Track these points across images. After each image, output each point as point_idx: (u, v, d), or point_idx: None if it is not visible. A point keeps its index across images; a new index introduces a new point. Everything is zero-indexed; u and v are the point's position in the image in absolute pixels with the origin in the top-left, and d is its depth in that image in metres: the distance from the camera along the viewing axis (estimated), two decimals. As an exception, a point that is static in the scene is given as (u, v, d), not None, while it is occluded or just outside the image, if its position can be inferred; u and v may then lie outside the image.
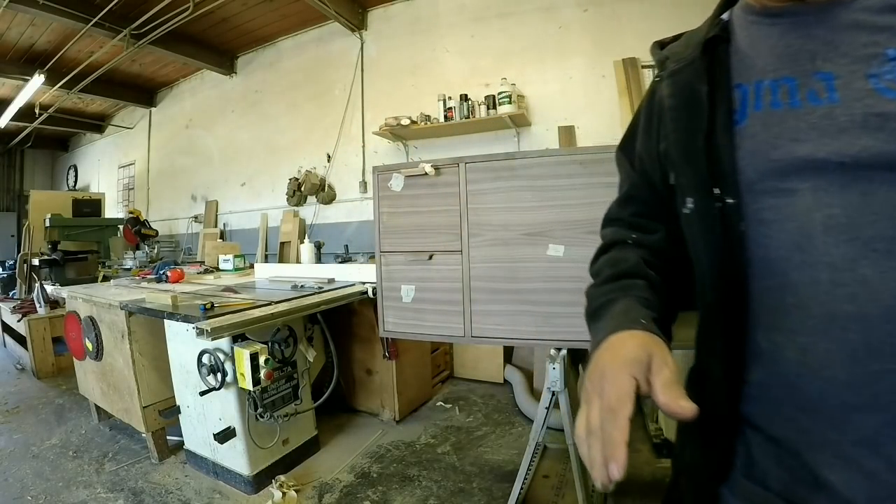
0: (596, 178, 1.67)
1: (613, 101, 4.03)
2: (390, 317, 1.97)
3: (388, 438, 3.02)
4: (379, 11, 5.03)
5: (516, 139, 4.37)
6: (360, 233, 4.98)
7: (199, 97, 6.68)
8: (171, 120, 7.11)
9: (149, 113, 7.42)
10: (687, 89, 0.66)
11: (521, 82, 4.25)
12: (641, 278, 0.73)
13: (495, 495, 2.39)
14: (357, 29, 5.04)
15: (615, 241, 0.83)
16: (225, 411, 2.39)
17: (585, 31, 4.20)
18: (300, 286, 2.94)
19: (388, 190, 1.94)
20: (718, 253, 0.62)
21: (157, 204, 7.35)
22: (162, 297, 2.48)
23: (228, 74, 6.19)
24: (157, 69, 6.50)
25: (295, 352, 2.54)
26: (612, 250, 0.82)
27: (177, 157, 7.00)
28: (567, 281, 1.70)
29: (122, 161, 8.16)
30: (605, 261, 0.81)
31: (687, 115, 0.65)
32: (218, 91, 6.39)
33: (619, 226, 0.85)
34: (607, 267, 0.78)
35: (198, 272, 4.08)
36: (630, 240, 0.81)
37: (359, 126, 5.11)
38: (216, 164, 6.46)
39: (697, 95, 0.63)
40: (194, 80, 6.71)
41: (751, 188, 0.58)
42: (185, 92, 6.90)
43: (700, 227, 0.65)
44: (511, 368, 3.81)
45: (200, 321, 2.01)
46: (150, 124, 7.44)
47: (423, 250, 1.88)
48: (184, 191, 6.87)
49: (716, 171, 0.61)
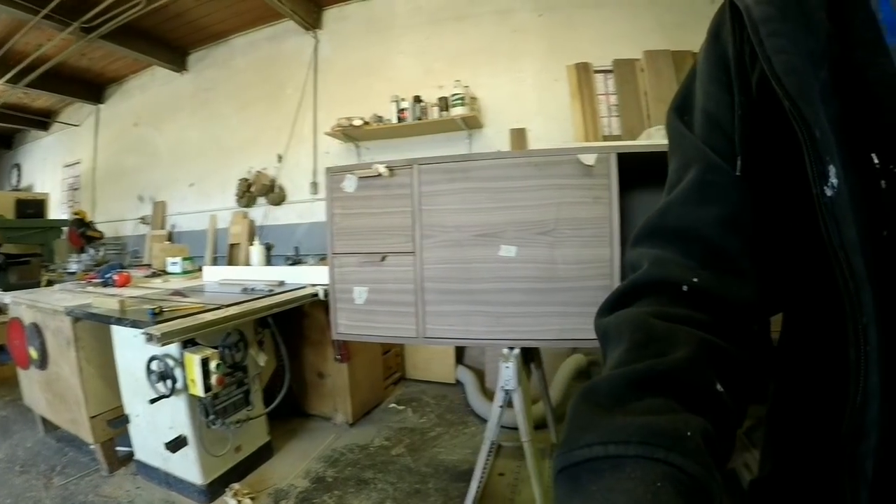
0: (549, 181, 1.70)
1: (565, 105, 4.13)
2: (343, 319, 1.95)
3: (342, 442, 2.99)
4: (335, 11, 4.98)
5: (468, 141, 4.41)
6: (311, 234, 4.92)
7: (149, 94, 6.44)
8: (120, 117, 6.83)
9: (97, 110, 7.10)
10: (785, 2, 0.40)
11: (475, 84, 4.30)
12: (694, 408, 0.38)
13: (451, 495, 2.40)
14: (312, 28, 4.98)
15: (657, 282, 0.48)
16: (176, 419, 2.32)
17: (540, 36, 4.28)
18: (250, 289, 2.89)
19: (340, 191, 1.92)
20: (885, 270, 0.35)
21: (103, 205, 7.04)
22: (109, 302, 2.39)
23: (179, 71, 6.00)
24: (106, 64, 6.24)
25: (246, 356, 2.49)
26: (649, 302, 0.47)
27: (124, 156, 6.72)
28: (519, 281, 1.73)
29: (67, 160, 7.78)
30: (628, 326, 0.45)
31: (798, 31, 0.39)
32: (168, 88, 6.18)
33: (677, 244, 0.49)
34: (630, 351, 0.42)
35: (145, 275, 3.97)
36: (688, 285, 0.46)
37: (311, 126, 5.04)
38: (165, 163, 6.24)
39: (807, 4, 0.39)
40: (144, 77, 6.47)
41: None
42: (135, 88, 6.65)
43: (855, 216, 0.35)
44: (462, 369, 3.85)
45: (149, 326, 1.96)
46: (98, 122, 7.13)
47: (376, 252, 1.87)
48: (131, 191, 6.61)
49: (869, 123, 0.35)
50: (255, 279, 3.21)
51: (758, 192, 0.47)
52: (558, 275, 1.71)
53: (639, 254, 0.52)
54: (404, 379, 4.10)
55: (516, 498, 2.16)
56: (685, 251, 0.48)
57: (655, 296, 0.47)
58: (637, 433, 0.34)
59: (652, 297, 0.48)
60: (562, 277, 1.71)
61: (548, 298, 1.72)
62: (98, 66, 6.27)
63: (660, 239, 0.51)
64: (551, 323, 1.73)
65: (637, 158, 1.84)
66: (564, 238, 1.70)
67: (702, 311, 0.45)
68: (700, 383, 0.39)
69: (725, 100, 0.49)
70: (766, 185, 0.47)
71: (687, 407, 0.37)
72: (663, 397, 0.38)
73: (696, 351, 0.40)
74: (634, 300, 0.49)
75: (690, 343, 0.41)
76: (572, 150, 1.71)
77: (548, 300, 1.72)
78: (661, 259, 0.49)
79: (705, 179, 0.49)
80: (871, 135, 0.35)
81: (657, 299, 0.47)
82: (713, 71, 0.51)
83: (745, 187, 0.47)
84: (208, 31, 5.47)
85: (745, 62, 0.46)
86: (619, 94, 4.03)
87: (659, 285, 0.48)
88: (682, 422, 0.35)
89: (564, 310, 1.71)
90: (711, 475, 0.33)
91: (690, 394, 0.38)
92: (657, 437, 0.33)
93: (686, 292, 0.46)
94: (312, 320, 3.15)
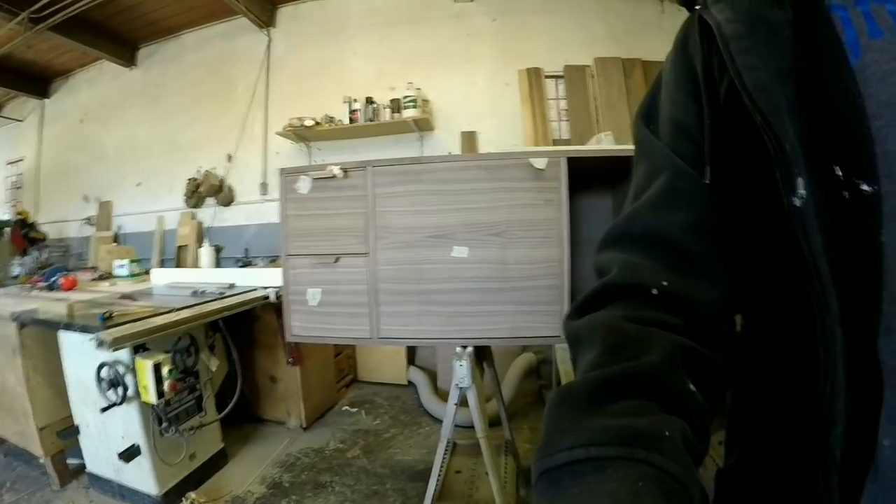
0: (500, 183, 1.74)
1: (516, 109, 4.22)
2: (297, 321, 1.94)
3: (297, 446, 2.97)
4: (289, 9, 4.92)
5: (420, 143, 4.44)
6: (261, 236, 4.83)
7: (97, 89, 6.14)
8: (66, 113, 6.48)
9: (42, 105, 6.70)
10: (756, 17, 0.44)
11: (427, 87, 4.33)
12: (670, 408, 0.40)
13: (410, 495, 2.42)
14: (265, 26, 4.89)
15: (627, 285, 0.50)
16: (128, 428, 2.25)
17: (493, 40, 4.36)
18: (201, 292, 2.83)
19: (294, 192, 1.91)
20: (848, 274, 0.37)
21: (47, 205, 6.66)
22: (56, 307, 2.31)
23: (128, 66, 5.77)
24: (53, 57, 5.91)
25: (197, 361, 2.45)
26: (619, 305, 0.49)
27: (70, 153, 6.38)
28: (471, 281, 1.76)
29: (9, 157, 7.31)
30: (600, 329, 0.47)
31: (766, 49, 0.42)
32: (117, 83, 5.92)
33: (645, 249, 0.51)
34: (604, 354, 0.44)
35: (92, 279, 3.86)
36: (658, 288, 0.48)
37: (261, 126, 4.95)
38: (111, 162, 5.98)
39: (774, 24, 0.43)
40: (92, 71, 6.16)
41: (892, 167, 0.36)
42: (82, 83, 6.32)
43: (818, 227, 0.38)
44: (414, 369, 3.87)
45: (100, 331, 1.91)
46: (43, 117, 6.74)
47: (329, 253, 1.87)
48: (76, 190, 6.28)
49: (832, 138, 0.38)
50: (205, 282, 3.13)
51: (725, 198, 0.49)
52: (510, 275, 1.75)
53: (608, 258, 0.53)
54: (357, 381, 4.09)
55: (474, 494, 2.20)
56: (654, 255, 0.50)
57: (625, 299, 0.49)
58: (617, 435, 0.35)
59: (622, 300, 0.49)
60: (513, 277, 1.75)
61: (500, 298, 1.76)
62: (44, 58, 5.95)
63: (628, 243, 0.53)
64: (503, 322, 1.77)
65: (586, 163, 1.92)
66: (516, 239, 1.74)
67: (672, 314, 0.47)
68: (674, 384, 0.41)
69: (693, 108, 0.51)
70: (733, 191, 0.48)
71: (663, 408, 0.39)
72: (640, 399, 0.39)
73: (668, 353, 0.42)
74: (605, 304, 0.50)
75: (663, 346, 0.43)
76: (524, 154, 1.76)
77: (500, 300, 1.76)
78: (630, 263, 0.51)
79: (674, 186, 0.51)
80: (834, 149, 0.38)
81: (627, 303, 0.48)
82: (680, 80, 0.53)
83: (714, 194, 0.50)
84: (159, 25, 5.30)
85: (713, 74, 0.49)
86: (570, 100, 4.15)
87: (629, 289, 0.49)
88: (660, 422, 0.37)
89: (516, 309, 1.76)
90: (691, 474, 0.35)
91: (666, 395, 0.40)
92: (637, 439, 0.35)
93: (656, 296, 0.48)
94: (264, 323, 3.10)
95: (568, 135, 4.14)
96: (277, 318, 2.96)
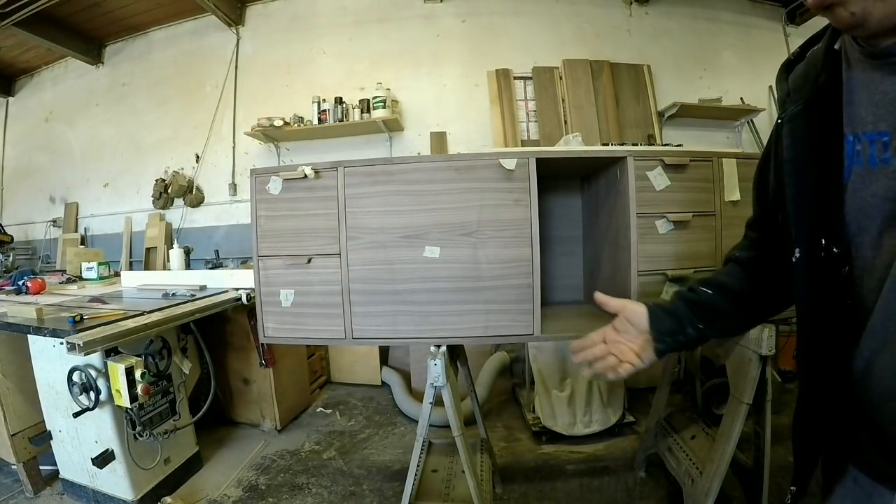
0: (469, 184, 1.77)
1: (484, 110, 4.27)
2: (270, 322, 1.93)
3: (272, 448, 2.96)
4: (258, 7, 4.88)
5: (389, 143, 4.46)
6: (230, 237, 4.78)
7: (62, 87, 5.96)
8: (30, 112, 6.26)
9: (5, 103, 6.45)
10: (802, 144, 0.73)
11: (396, 87, 4.36)
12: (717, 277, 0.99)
13: (386, 494, 2.44)
14: (234, 24, 4.84)
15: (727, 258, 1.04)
16: (101, 433, 2.22)
17: (462, 42, 4.39)
18: (172, 294, 2.79)
19: (265, 193, 1.90)
20: (821, 295, 0.72)
21: (11, 206, 6.42)
22: (25, 311, 2.26)
23: (95, 64, 5.61)
24: (18, 54, 5.72)
25: (170, 364, 2.42)
26: (736, 247, 1.02)
27: (35, 153, 6.17)
28: (443, 281, 1.79)
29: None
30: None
31: (804, 171, 0.72)
32: (83, 82, 5.76)
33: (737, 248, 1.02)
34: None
35: (60, 282, 3.76)
36: (733, 256, 1.01)
37: (230, 126, 4.88)
38: (77, 162, 5.81)
39: (812, 151, 0.71)
40: (58, 69, 5.98)
41: (853, 240, 0.66)
42: (47, 81, 6.12)
43: (805, 274, 0.74)
44: (388, 370, 3.88)
45: (70, 335, 1.87)
46: (7, 116, 6.50)
47: (301, 254, 1.87)
48: (41, 191, 6.09)
49: (824, 224, 0.69)
50: (175, 284, 3.09)
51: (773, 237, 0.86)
52: (481, 274, 1.78)
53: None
54: (330, 382, 4.09)
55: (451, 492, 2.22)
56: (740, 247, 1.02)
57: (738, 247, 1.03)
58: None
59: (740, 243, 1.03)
60: (485, 277, 1.78)
61: (472, 297, 1.79)
62: (8, 55, 5.75)
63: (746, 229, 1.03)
64: (476, 321, 1.80)
65: (555, 163, 1.96)
66: (487, 239, 1.77)
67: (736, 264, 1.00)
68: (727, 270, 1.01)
69: (761, 193, 0.90)
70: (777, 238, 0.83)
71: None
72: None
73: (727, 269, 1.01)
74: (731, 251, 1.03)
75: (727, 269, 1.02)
76: (494, 155, 1.80)
77: (472, 299, 1.79)
78: (746, 236, 1.02)
79: (754, 217, 1.00)
80: (824, 228, 0.69)
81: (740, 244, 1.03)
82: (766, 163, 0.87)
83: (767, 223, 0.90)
84: (127, 22, 5.19)
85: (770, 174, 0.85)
86: (538, 101, 4.21)
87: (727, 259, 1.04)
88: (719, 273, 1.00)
89: (488, 307, 1.79)
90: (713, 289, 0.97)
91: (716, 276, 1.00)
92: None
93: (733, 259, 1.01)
94: (235, 325, 3.08)
95: (537, 135, 4.20)
96: (250, 320, 2.93)
